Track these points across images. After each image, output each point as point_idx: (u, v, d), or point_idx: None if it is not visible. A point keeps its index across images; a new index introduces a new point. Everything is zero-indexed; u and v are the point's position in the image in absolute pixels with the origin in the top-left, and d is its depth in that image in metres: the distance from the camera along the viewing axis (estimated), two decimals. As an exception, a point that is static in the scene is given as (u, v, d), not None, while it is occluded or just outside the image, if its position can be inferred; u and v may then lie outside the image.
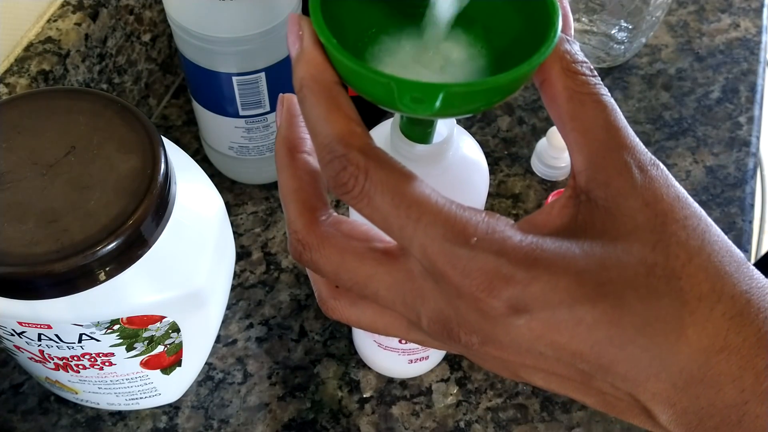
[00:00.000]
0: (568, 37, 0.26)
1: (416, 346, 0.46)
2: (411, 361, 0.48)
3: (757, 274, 0.25)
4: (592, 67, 0.25)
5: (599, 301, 0.23)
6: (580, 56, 0.26)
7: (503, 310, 0.24)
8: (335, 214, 0.27)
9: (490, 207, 0.58)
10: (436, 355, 0.49)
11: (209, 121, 0.54)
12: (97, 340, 0.38)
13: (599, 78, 0.25)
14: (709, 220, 0.25)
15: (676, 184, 0.25)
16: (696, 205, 0.25)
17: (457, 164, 0.34)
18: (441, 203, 0.24)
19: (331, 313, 0.28)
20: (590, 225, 0.25)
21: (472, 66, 0.30)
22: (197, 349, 0.47)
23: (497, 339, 0.25)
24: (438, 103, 0.24)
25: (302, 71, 0.25)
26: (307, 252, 0.26)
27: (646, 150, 0.25)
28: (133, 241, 0.35)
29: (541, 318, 0.24)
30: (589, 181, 0.25)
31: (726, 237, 0.25)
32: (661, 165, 0.25)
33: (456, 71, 0.30)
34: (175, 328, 0.41)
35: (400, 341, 0.45)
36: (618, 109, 0.25)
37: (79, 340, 0.38)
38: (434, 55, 0.30)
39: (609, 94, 0.25)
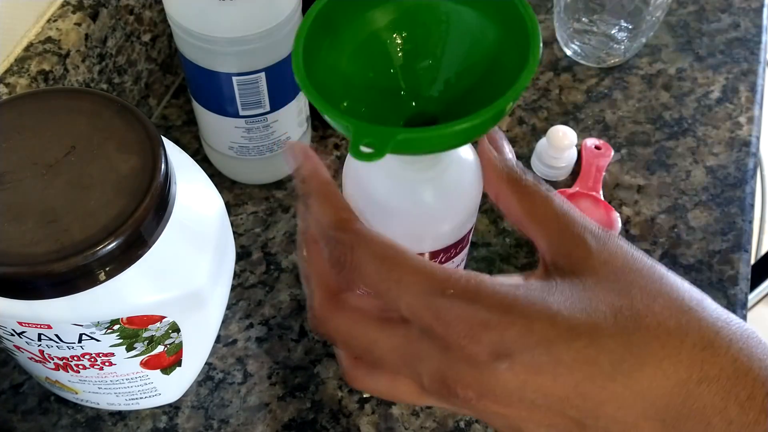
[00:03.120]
0: (505, 155, 0.31)
1: None
2: None
3: (721, 309, 0.27)
4: (527, 172, 0.31)
5: (573, 340, 0.25)
6: (518, 168, 0.31)
7: (486, 357, 0.25)
8: (349, 291, 0.31)
9: (489, 208, 0.58)
10: None
11: (209, 121, 0.54)
12: (97, 340, 0.38)
13: (537, 178, 0.30)
14: (664, 268, 0.28)
15: (627, 243, 0.28)
16: (648, 258, 0.28)
17: (453, 166, 0.35)
18: (417, 262, 0.27)
19: (352, 383, 0.31)
20: (560, 282, 0.27)
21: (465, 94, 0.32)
22: (197, 349, 0.47)
23: (489, 390, 0.26)
24: (389, 148, 0.27)
25: (302, 182, 0.31)
26: (322, 324, 0.30)
27: (594, 221, 0.29)
28: (133, 241, 0.35)
29: (522, 361, 0.25)
30: (553, 255, 0.28)
31: (684, 281, 0.27)
32: (611, 231, 0.29)
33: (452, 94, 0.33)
34: (175, 328, 0.41)
35: None
36: (560, 196, 0.30)
37: (79, 340, 0.38)
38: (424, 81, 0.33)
39: (549, 187, 0.30)
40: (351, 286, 0.31)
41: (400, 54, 0.33)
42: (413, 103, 0.33)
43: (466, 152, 0.36)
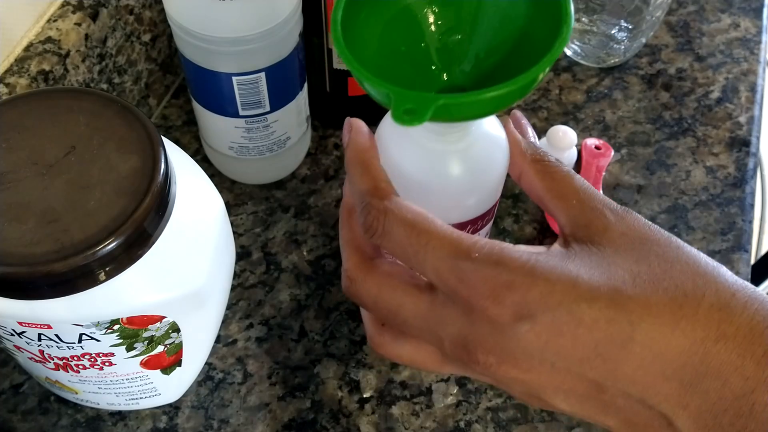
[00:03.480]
0: (528, 139, 0.33)
1: None
2: None
3: (737, 277, 0.27)
4: (547, 153, 0.32)
5: (594, 300, 0.26)
6: (540, 149, 0.33)
7: (509, 317, 0.26)
8: (382, 258, 0.32)
9: (490, 207, 0.58)
10: None
11: (209, 121, 0.54)
12: (97, 340, 0.38)
13: (556, 158, 0.32)
14: (680, 240, 0.28)
15: (643, 218, 0.29)
16: (665, 231, 0.29)
17: (480, 140, 0.36)
18: (445, 229, 0.28)
19: (377, 348, 0.32)
20: (579, 250, 0.28)
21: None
22: (197, 349, 0.47)
23: (510, 353, 0.27)
24: (430, 113, 0.28)
25: (349, 153, 0.32)
26: (353, 285, 0.31)
27: (610, 199, 0.30)
28: (133, 241, 0.35)
29: (544, 321, 0.26)
30: (573, 228, 0.29)
31: (700, 251, 0.28)
32: (628, 208, 0.30)
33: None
34: (175, 328, 0.41)
35: None
36: (578, 175, 0.31)
37: (79, 340, 0.38)
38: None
39: (567, 166, 0.31)
40: (382, 251, 0.32)
41: (431, 28, 0.34)
42: (443, 77, 0.34)
43: (494, 126, 0.37)
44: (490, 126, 0.37)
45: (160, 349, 0.42)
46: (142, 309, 0.38)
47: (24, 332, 0.37)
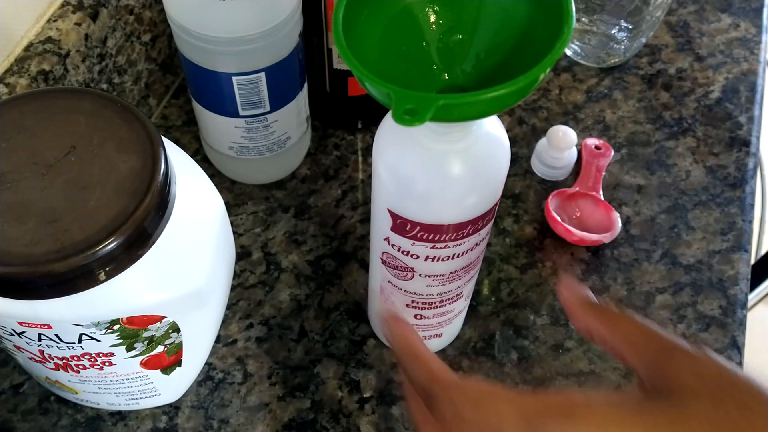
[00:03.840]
0: (584, 295, 0.34)
1: (430, 322, 0.47)
2: (425, 337, 0.48)
3: None
4: (605, 301, 0.32)
5: None
6: (599, 301, 0.33)
7: None
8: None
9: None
10: (449, 333, 0.50)
11: (209, 121, 0.54)
12: (97, 340, 0.38)
13: (616, 306, 0.32)
14: (757, 377, 0.28)
15: (717, 356, 0.29)
16: (740, 370, 0.28)
17: (481, 139, 0.36)
18: (510, 392, 0.29)
19: None
20: (655, 398, 0.28)
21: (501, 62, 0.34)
22: (197, 349, 0.47)
23: None
24: (431, 113, 0.28)
25: (397, 345, 0.35)
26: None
27: (680, 337, 0.30)
28: (133, 241, 0.35)
29: None
30: (647, 371, 0.29)
31: None
32: (701, 345, 0.29)
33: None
34: (175, 328, 0.41)
35: (415, 317, 0.46)
36: (636, 315, 0.31)
37: (79, 340, 0.38)
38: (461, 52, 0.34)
39: (621, 309, 0.32)
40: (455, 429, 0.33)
41: (432, 28, 0.34)
42: (444, 77, 0.34)
43: (495, 126, 0.37)
44: (491, 126, 0.37)
45: (160, 349, 0.42)
46: (142, 309, 0.38)
47: (24, 332, 0.37)
